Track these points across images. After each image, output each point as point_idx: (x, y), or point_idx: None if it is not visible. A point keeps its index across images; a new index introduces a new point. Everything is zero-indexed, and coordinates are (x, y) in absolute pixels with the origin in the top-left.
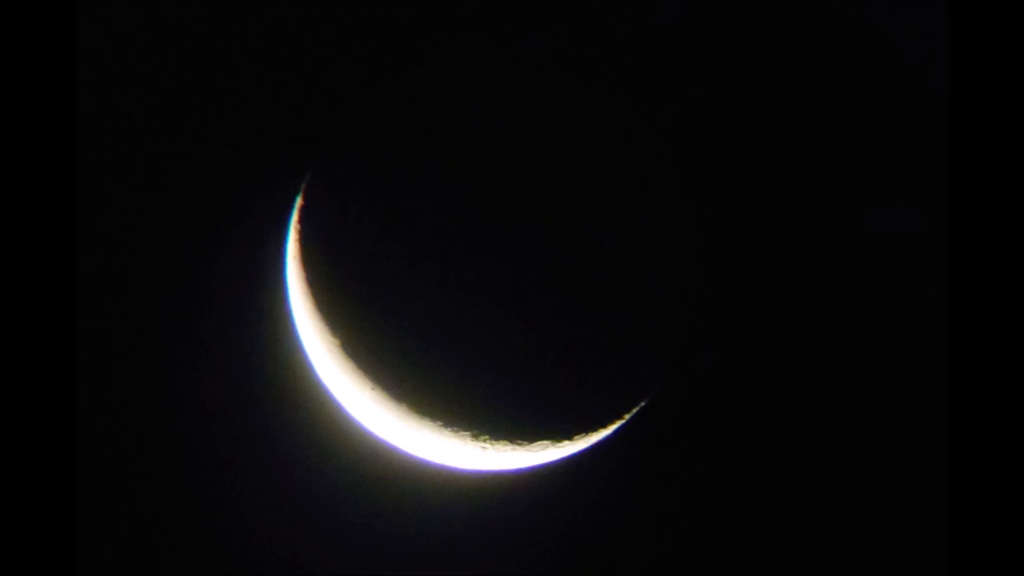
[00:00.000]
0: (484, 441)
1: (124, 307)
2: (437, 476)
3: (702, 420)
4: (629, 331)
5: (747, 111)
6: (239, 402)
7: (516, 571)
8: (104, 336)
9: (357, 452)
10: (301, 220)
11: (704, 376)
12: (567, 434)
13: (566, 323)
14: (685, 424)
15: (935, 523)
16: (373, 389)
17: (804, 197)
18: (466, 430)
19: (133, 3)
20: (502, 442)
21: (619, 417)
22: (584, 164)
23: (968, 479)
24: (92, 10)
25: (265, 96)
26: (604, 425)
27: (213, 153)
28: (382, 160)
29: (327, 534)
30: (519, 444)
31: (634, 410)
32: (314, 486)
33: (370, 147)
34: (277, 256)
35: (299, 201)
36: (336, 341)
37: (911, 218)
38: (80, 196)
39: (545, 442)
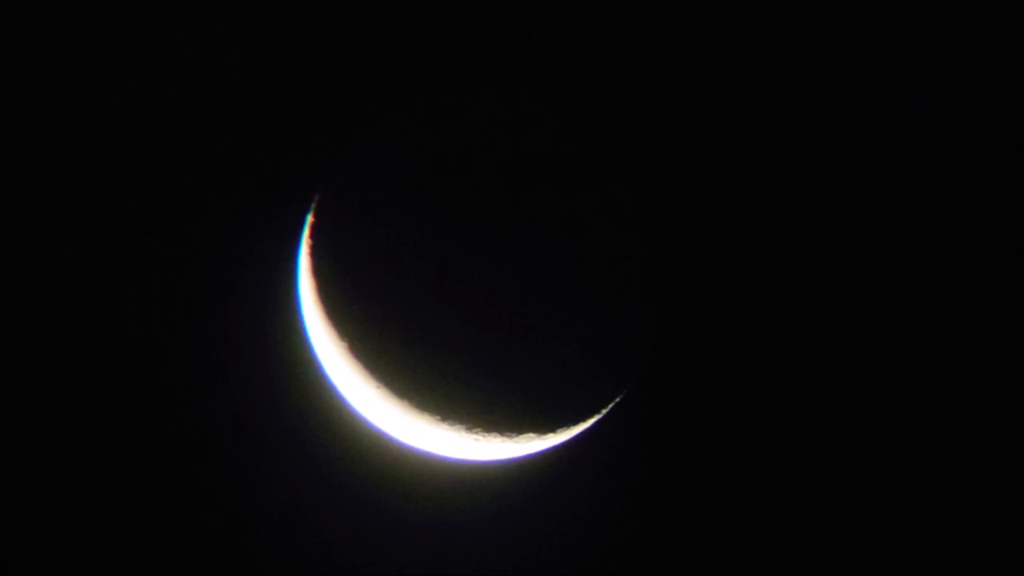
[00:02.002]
0: (477, 433)
1: (154, 317)
2: (435, 465)
3: (679, 411)
4: (608, 334)
5: (730, 112)
6: (258, 398)
7: (505, 548)
8: (134, 342)
9: (363, 444)
10: (311, 236)
11: (683, 370)
12: (551, 427)
13: (552, 327)
14: (661, 415)
15: (932, 522)
16: (377, 387)
17: (786, 197)
18: (461, 424)
19: (153, 25)
20: (493, 434)
21: (597, 412)
22: (570, 178)
23: (963, 476)
24: (105, 25)
25: (284, 122)
26: (584, 419)
27: (236, 175)
28: (385, 182)
29: (335, 518)
30: (508, 436)
31: (610, 405)
32: (324, 475)
33: (373, 170)
34: (290, 269)
35: (310, 219)
36: (344, 344)
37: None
38: (115, 210)
39: (531, 434)
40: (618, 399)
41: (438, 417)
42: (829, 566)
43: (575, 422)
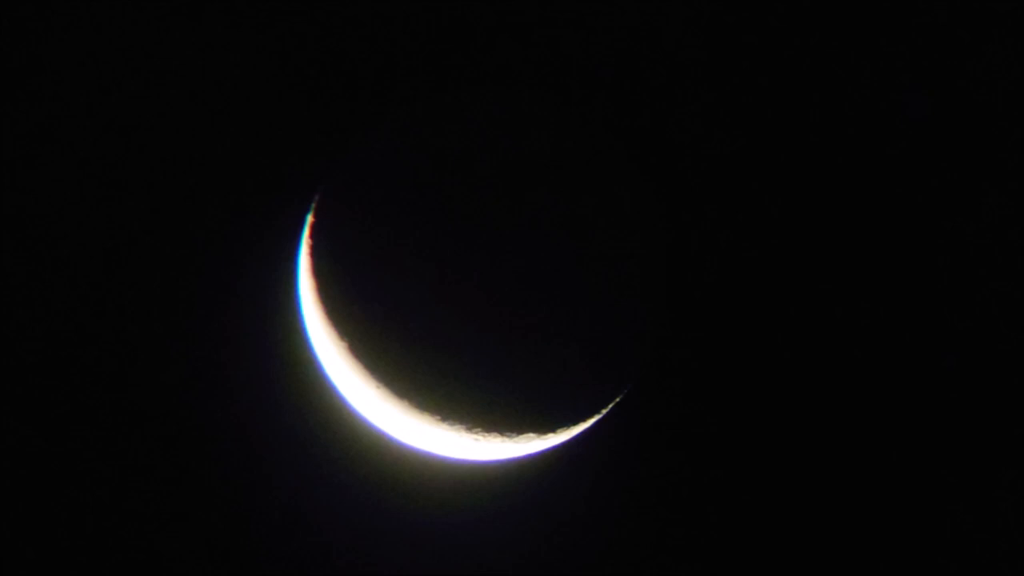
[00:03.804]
0: (477, 433)
1: (154, 317)
2: (435, 465)
3: (679, 411)
4: (608, 334)
5: (730, 112)
6: (258, 398)
7: (505, 548)
8: (134, 342)
9: (363, 444)
10: (312, 236)
11: (683, 370)
12: (551, 427)
13: (552, 327)
14: (661, 415)
15: (932, 522)
16: (377, 387)
17: (786, 197)
18: (461, 424)
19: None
20: (493, 434)
21: (597, 412)
22: (570, 178)
23: (964, 476)
24: (105, 25)
25: (284, 122)
26: (584, 419)
27: (236, 175)
28: (385, 182)
29: (335, 518)
30: (508, 436)
31: (610, 405)
32: (324, 475)
33: (373, 170)
34: (290, 269)
35: (310, 219)
36: (344, 344)
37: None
38: (115, 210)
39: (531, 434)
40: (618, 399)
41: (438, 417)
42: (829, 566)
43: (575, 422)
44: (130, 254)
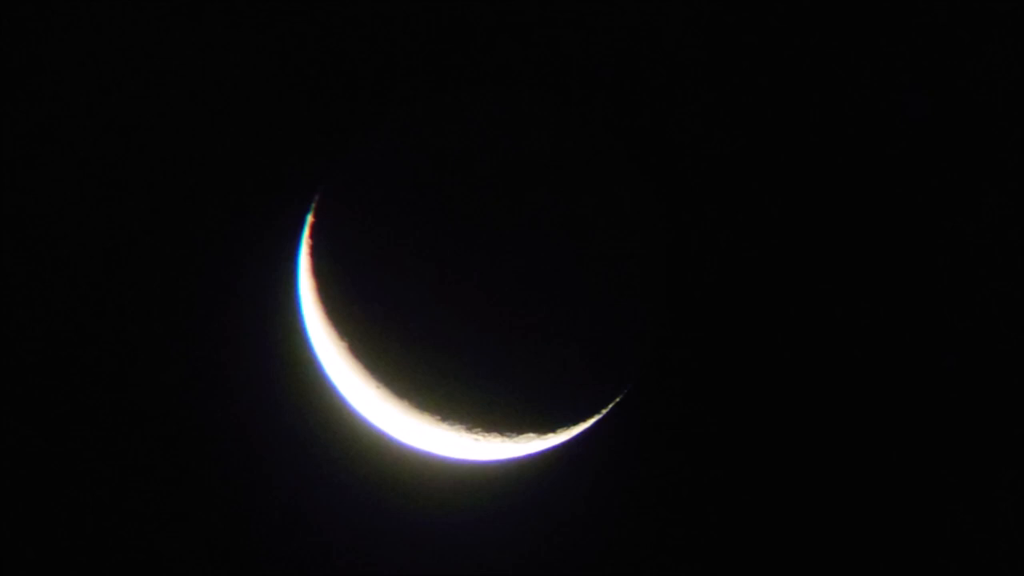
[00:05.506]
0: (477, 433)
1: (154, 317)
2: (435, 465)
3: (679, 411)
4: (608, 334)
5: (730, 112)
6: (258, 398)
7: (505, 548)
8: (134, 342)
9: (363, 444)
10: (312, 236)
11: (683, 370)
12: (551, 427)
13: (552, 327)
14: (661, 415)
15: (932, 522)
16: (377, 387)
17: (786, 197)
18: (461, 424)
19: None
20: (493, 434)
21: (597, 412)
22: (570, 178)
23: (964, 476)
24: (105, 25)
25: (284, 122)
26: (584, 419)
27: (236, 175)
28: (385, 182)
29: (335, 518)
30: (508, 436)
31: (610, 405)
32: (324, 475)
33: (373, 170)
34: (290, 269)
35: (310, 219)
36: (344, 344)
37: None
38: (115, 210)
39: (531, 434)
40: (618, 399)
41: (438, 417)
42: (829, 566)
43: (575, 422)
44: (130, 254)
